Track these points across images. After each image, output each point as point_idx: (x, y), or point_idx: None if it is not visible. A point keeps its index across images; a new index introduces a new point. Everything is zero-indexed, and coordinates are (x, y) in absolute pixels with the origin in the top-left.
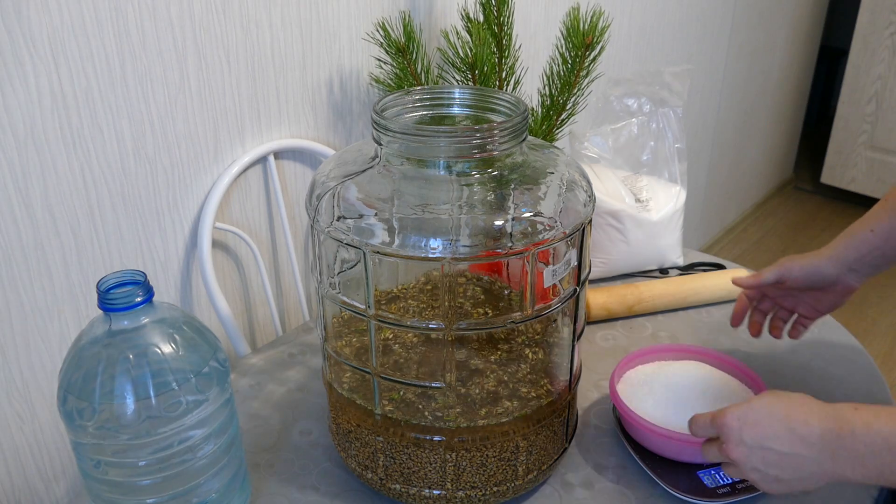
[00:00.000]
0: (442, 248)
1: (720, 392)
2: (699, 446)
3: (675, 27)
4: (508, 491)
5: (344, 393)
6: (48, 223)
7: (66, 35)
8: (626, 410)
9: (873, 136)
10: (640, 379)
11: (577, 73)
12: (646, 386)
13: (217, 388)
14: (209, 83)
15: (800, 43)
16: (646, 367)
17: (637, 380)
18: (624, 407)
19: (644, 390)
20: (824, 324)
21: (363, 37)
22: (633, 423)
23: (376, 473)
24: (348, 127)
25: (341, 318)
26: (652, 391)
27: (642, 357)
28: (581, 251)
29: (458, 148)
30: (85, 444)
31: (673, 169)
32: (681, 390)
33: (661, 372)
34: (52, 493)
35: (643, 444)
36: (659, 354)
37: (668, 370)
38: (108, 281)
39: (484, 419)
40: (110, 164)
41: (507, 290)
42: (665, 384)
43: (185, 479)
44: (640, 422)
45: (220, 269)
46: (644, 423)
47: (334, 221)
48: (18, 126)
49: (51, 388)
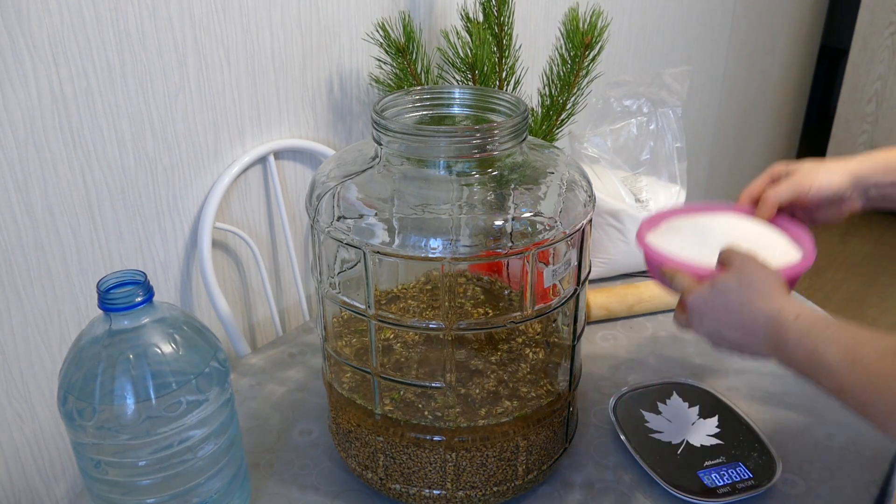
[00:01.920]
0: (442, 248)
1: (758, 243)
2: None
3: (675, 27)
4: (508, 491)
5: (344, 393)
6: (48, 223)
7: (66, 35)
8: (650, 251)
9: (873, 136)
10: (670, 227)
11: (576, 72)
12: (674, 232)
13: (217, 388)
14: (209, 83)
15: (800, 43)
16: (677, 220)
17: (666, 228)
18: (649, 248)
19: (671, 235)
20: None
21: (363, 37)
22: (656, 261)
23: (376, 473)
24: (348, 127)
25: (341, 318)
26: (680, 235)
27: (675, 213)
28: (581, 251)
29: (458, 148)
30: (85, 444)
31: (673, 169)
32: (714, 238)
33: (693, 222)
34: (52, 493)
35: (659, 280)
36: (694, 210)
37: (702, 220)
38: (108, 281)
39: (484, 419)
40: (110, 164)
41: (507, 290)
42: (696, 230)
43: (185, 479)
44: (663, 257)
45: (220, 269)
46: (666, 257)
47: (334, 221)
48: (18, 126)
49: (51, 388)
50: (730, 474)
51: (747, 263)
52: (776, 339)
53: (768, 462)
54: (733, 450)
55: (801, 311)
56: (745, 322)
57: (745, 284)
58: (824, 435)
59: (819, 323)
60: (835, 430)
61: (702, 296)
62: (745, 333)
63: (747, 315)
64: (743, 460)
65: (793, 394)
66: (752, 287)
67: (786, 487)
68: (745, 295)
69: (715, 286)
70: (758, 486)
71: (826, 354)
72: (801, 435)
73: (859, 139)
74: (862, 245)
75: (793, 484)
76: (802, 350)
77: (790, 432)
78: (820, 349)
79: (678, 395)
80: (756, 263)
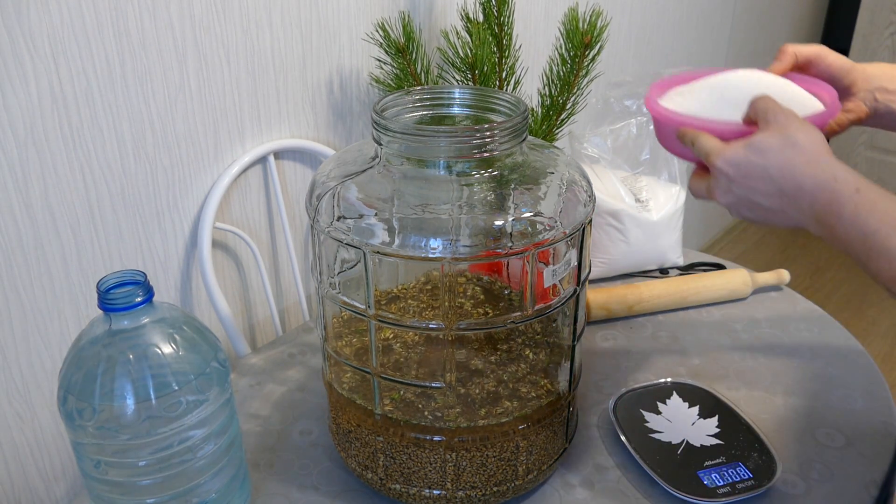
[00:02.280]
0: (442, 248)
1: (780, 96)
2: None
3: (675, 27)
4: (508, 491)
5: (344, 393)
6: (48, 223)
7: (66, 35)
8: (664, 114)
9: (873, 136)
10: (680, 92)
11: (576, 72)
12: (686, 95)
13: (217, 388)
14: (209, 83)
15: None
16: (687, 85)
17: (675, 93)
18: (662, 111)
19: (683, 98)
20: (824, 324)
21: (363, 37)
22: (672, 124)
23: (376, 473)
24: (348, 127)
25: (341, 318)
26: (694, 96)
27: (683, 79)
28: (581, 251)
29: (458, 148)
30: (85, 444)
31: (672, 169)
32: (733, 93)
33: (705, 82)
34: (52, 493)
35: (673, 150)
36: (705, 73)
37: (714, 79)
38: (108, 281)
39: (484, 419)
40: (110, 164)
41: (507, 290)
42: (711, 88)
43: (185, 480)
44: (681, 118)
45: (220, 269)
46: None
47: (334, 221)
48: (18, 126)
49: (51, 388)
50: (730, 474)
51: (791, 121)
52: (825, 211)
53: (768, 462)
54: (733, 450)
55: (861, 184)
56: (787, 187)
57: (788, 144)
58: (824, 435)
59: (884, 201)
60: (835, 430)
61: (734, 158)
62: (785, 200)
63: (789, 180)
64: (743, 460)
65: (793, 394)
66: (798, 148)
67: (786, 487)
68: (789, 157)
69: (751, 146)
70: (758, 486)
71: (891, 240)
72: (801, 435)
73: (859, 139)
74: None
75: (793, 484)
76: (858, 229)
77: (790, 432)
78: (883, 232)
79: (678, 395)
80: (800, 121)
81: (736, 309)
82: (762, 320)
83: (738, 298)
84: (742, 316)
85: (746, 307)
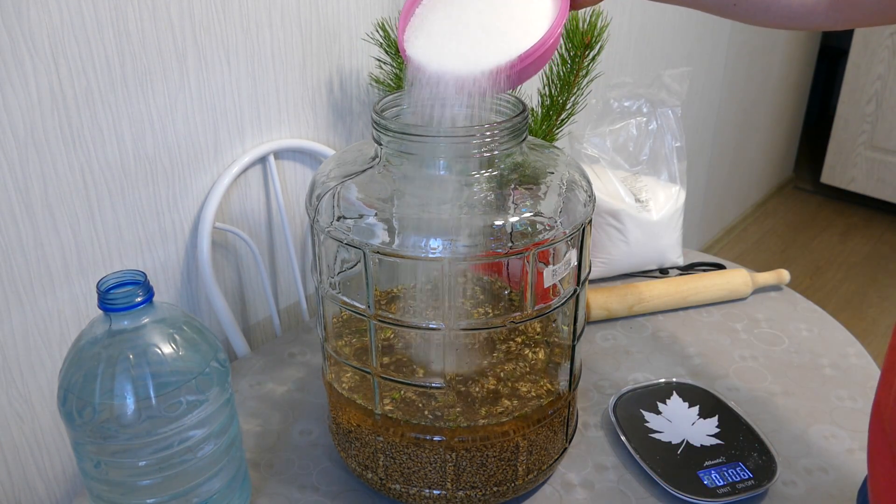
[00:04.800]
0: (442, 248)
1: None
2: None
3: (675, 27)
4: (508, 491)
5: (344, 393)
6: (48, 223)
7: (66, 35)
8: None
9: (873, 136)
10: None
11: (576, 73)
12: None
13: (217, 388)
14: (209, 83)
15: (800, 43)
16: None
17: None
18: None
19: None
20: (824, 324)
21: (363, 37)
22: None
23: (376, 473)
24: (348, 127)
25: (341, 318)
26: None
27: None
28: (581, 251)
29: (458, 148)
30: (85, 444)
31: (672, 169)
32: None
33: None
34: (52, 493)
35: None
36: None
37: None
38: (108, 281)
39: (484, 419)
40: (110, 164)
41: (507, 290)
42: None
43: (185, 480)
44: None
45: (220, 269)
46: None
47: (334, 221)
48: (18, 126)
49: (51, 388)
50: (730, 474)
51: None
52: None
53: (768, 462)
54: (733, 450)
55: None
56: None
57: None
58: (824, 435)
59: None
60: (835, 431)
61: None
62: None
63: None
64: (743, 460)
65: (793, 394)
66: None
67: (786, 487)
68: None
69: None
70: (758, 486)
71: None
72: (801, 435)
73: (859, 139)
74: (862, 245)
75: (793, 484)
76: None
77: (790, 432)
78: None
79: (678, 395)
80: None
81: (736, 309)
82: (762, 320)
83: (738, 298)
84: (742, 316)
85: (746, 307)
